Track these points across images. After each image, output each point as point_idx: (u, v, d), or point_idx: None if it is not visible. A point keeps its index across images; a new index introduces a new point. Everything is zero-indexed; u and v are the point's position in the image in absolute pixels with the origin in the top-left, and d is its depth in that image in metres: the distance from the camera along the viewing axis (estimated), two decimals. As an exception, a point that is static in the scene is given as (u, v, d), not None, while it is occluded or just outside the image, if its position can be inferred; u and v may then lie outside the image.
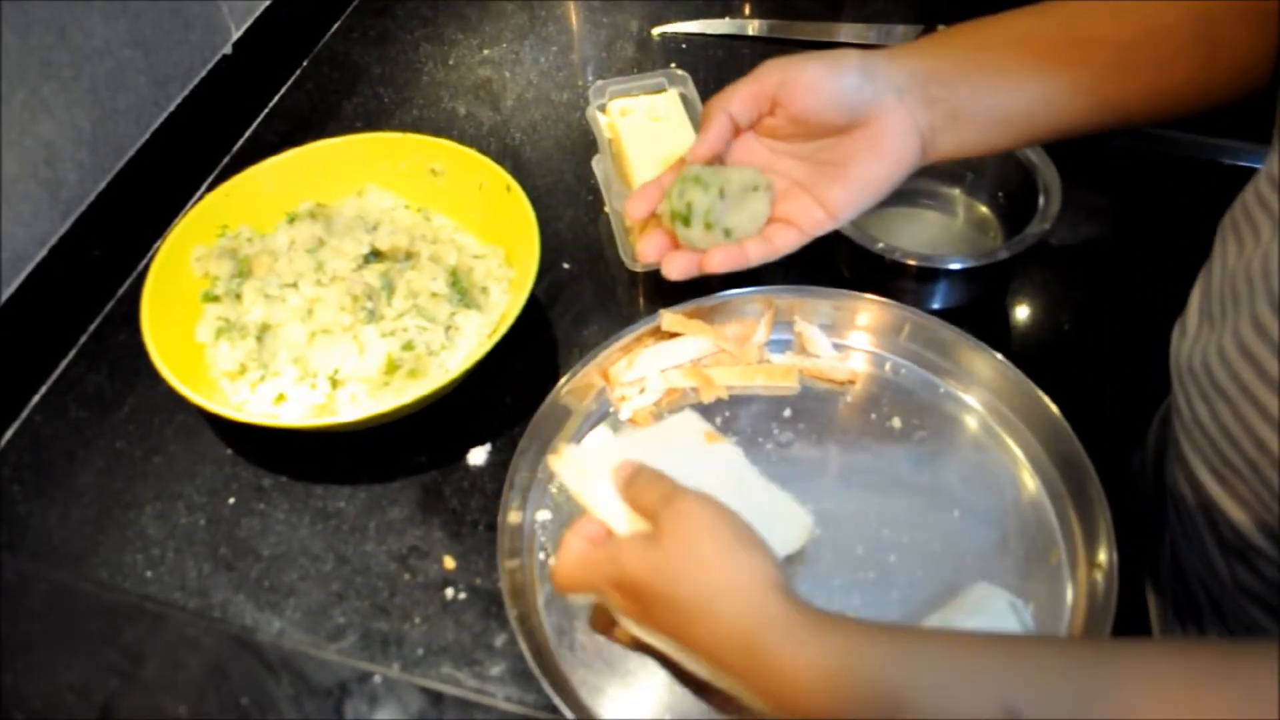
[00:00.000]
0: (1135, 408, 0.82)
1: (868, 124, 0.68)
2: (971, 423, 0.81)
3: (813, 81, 0.68)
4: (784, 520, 0.68)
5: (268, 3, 1.11)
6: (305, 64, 1.17)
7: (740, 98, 0.70)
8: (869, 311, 0.84)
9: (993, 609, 0.68)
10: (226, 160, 1.08)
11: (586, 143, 1.05)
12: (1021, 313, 0.91)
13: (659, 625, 0.56)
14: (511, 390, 0.86)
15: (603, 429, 0.79)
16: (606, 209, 0.97)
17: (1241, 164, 0.98)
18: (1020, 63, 0.68)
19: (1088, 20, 0.67)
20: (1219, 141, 1.00)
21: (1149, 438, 0.79)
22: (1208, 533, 0.63)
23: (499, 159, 0.91)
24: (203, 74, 1.05)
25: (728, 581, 0.54)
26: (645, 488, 0.60)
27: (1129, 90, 0.67)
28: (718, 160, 0.72)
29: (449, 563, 0.77)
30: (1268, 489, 0.56)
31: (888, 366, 0.84)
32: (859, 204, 0.69)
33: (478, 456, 0.83)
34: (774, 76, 0.69)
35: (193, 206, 0.92)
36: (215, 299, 0.88)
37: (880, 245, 0.84)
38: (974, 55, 0.69)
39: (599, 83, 0.99)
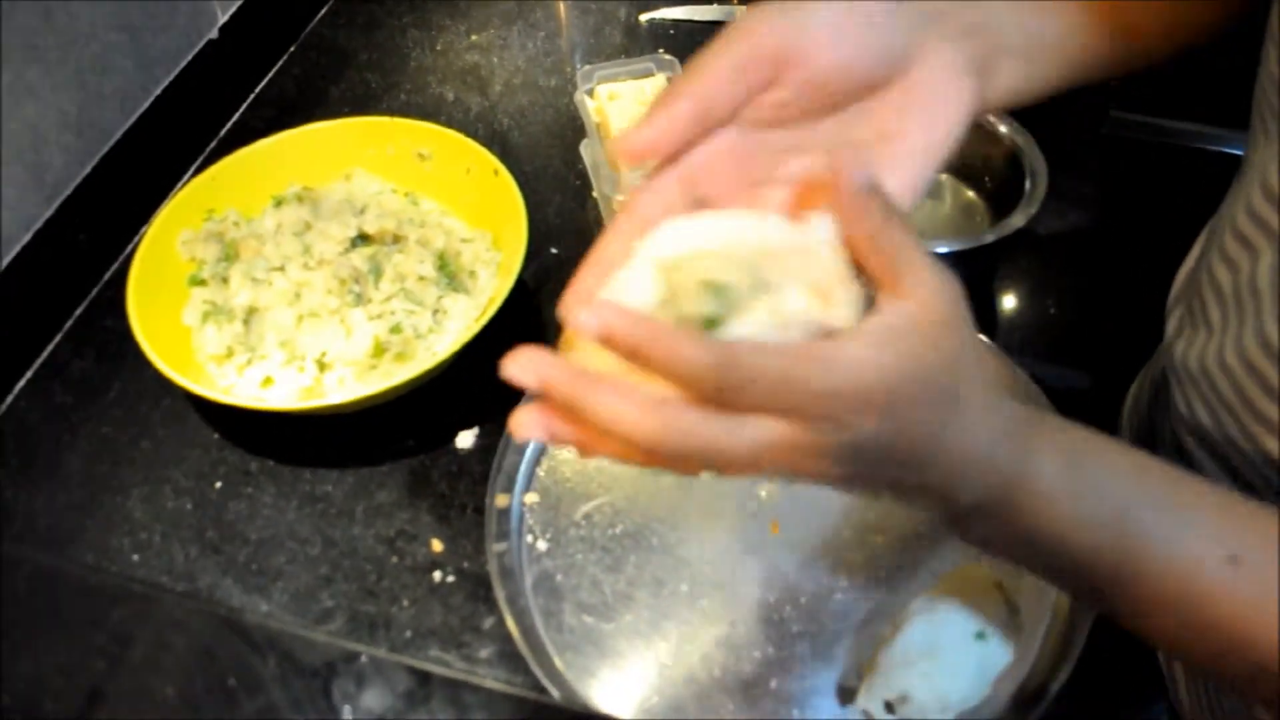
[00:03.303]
0: (1120, 393, 0.83)
1: (908, 72, 0.50)
2: (958, 406, 0.81)
3: (832, 29, 0.48)
4: None
5: (254, -13, 1.11)
6: (292, 49, 1.17)
7: (721, 74, 0.47)
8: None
9: (979, 591, 0.68)
10: (213, 144, 1.07)
11: (574, 128, 1.05)
12: (1008, 298, 0.92)
13: (902, 442, 0.43)
14: (499, 374, 0.86)
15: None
16: (594, 194, 0.97)
17: (1227, 150, 0.99)
18: None
19: None
20: (1205, 128, 1.00)
21: (1123, 421, 0.80)
22: None
23: (487, 144, 0.91)
24: (189, 58, 1.04)
25: (991, 367, 0.46)
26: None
27: (1148, 14, 0.60)
28: (673, 171, 0.48)
29: (437, 546, 0.78)
30: (1274, 492, 0.57)
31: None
32: (920, 185, 0.50)
33: (465, 440, 0.83)
34: (769, 34, 0.47)
35: (179, 190, 0.92)
36: (202, 283, 0.87)
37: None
38: None
39: (586, 68, 0.99)
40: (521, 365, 0.43)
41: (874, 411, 0.41)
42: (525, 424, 0.44)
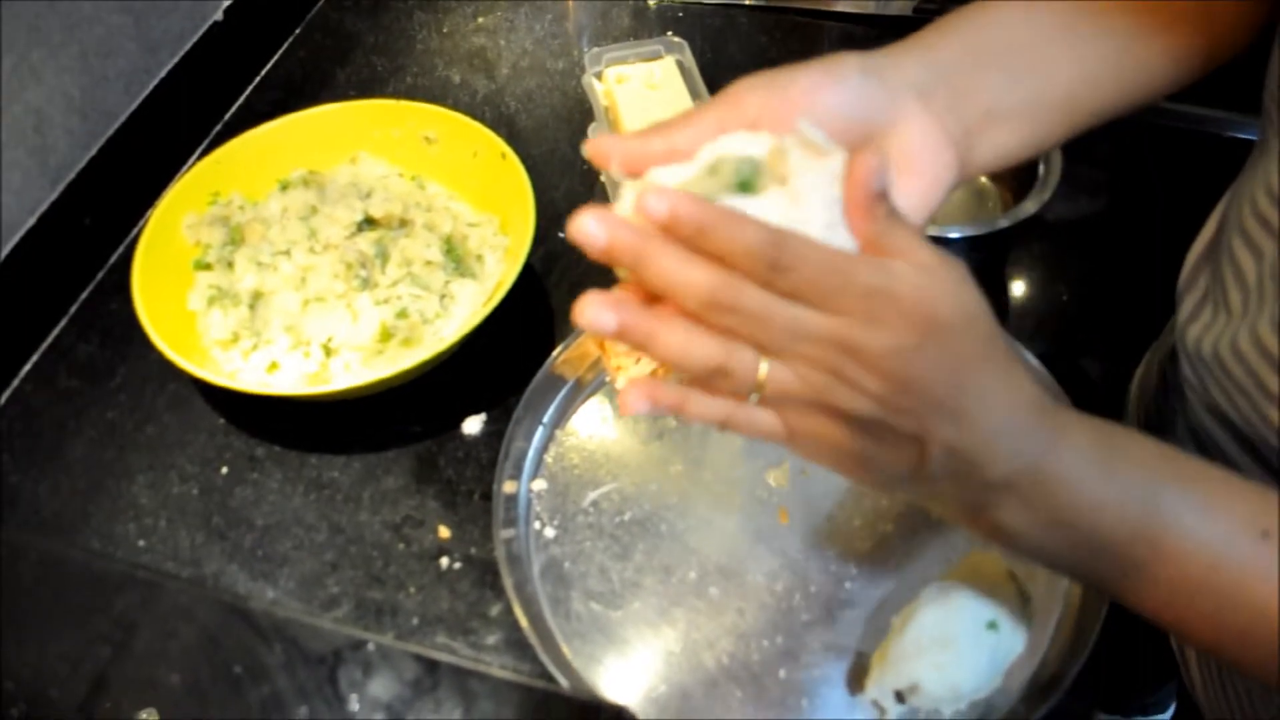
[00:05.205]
0: (1131, 380, 0.82)
1: (886, 138, 0.52)
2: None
3: (806, 94, 0.50)
4: None
5: (259, -31, 1.10)
6: (298, 31, 1.16)
7: (702, 126, 0.49)
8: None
9: (991, 579, 0.68)
10: (218, 128, 1.06)
11: (583, 111, 1.04)
12: (1020, 284, 0.91)
13: (935, 368, 0.43)
14: (507, 359, 0.85)
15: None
16: (602, 177, 0.96)
17: (1238, 135, 0.98)
18: (1048, 38, 0.58)
19: None
20: (1216, 114, 0.99)
21: (1129, 402, 0.80)
22: None
23: (494, 127, 0.90)
24: (194, 41, 1.03)
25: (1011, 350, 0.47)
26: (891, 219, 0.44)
27: (1152, 57, 0.60)
28: None
29: (444, 532, 0.77)
30: None
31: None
32: None
33: (473, 426, 0.83)
34: (750, 97, 0.50)
35: (184, 174, 0.91)
36: (207, 267, 0.87)
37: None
38: (993, 38, 0.57)
39: (594, 50, 0.98)
40: (591, 223, 0.42)
41: (921, 324, 0.42)
42: (590, 308, 0.44)
